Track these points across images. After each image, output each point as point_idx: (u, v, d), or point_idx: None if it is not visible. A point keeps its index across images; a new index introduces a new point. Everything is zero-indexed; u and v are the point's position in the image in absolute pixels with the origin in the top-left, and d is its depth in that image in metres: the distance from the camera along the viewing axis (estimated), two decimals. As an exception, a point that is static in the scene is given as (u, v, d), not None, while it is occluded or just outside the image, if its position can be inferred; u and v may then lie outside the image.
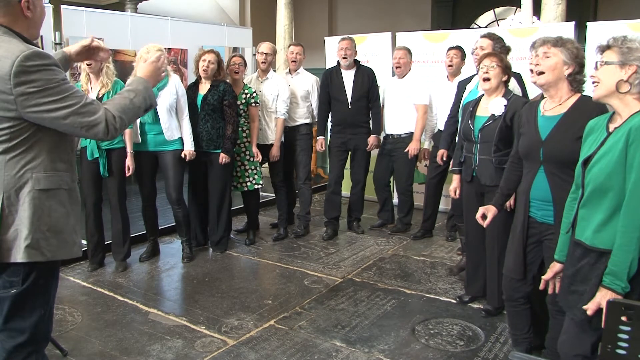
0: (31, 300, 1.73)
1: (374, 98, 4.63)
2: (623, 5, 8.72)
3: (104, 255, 4.07)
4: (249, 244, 4.58)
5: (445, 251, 4.41)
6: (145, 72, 1.92)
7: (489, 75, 2.97)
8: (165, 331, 3.06)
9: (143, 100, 1.83)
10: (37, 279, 1.72)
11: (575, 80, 2.24)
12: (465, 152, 3.18)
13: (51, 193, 1.72)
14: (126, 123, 1.77)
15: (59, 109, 1.63)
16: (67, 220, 1.77)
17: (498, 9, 10.96)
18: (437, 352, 2.82)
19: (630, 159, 1.69)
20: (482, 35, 3.69)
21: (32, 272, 1.70)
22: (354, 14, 11.42)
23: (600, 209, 1.78)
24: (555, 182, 2.21)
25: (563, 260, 2.01)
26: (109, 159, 3.79)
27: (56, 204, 1.73)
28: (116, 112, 1.73)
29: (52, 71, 1.63)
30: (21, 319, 1.73)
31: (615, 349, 1.55)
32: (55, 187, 1.72)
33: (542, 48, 2.25)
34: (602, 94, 1.82)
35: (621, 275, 1.69)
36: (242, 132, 4.39)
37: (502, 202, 2.60)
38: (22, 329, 1.73)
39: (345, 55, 4.56)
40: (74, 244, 1.80)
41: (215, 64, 4.11)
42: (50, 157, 1.71)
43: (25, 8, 1.68)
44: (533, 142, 2.28)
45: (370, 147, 4.66)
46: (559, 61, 2.21)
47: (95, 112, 1.69)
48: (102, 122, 1.69)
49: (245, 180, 4.47)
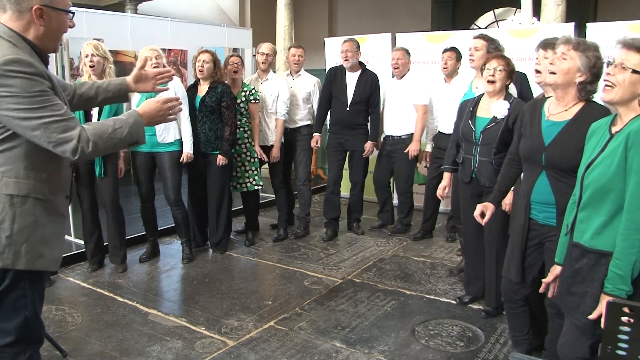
0: (11, 302, 1.71)
1: (374, 104, 4.61)
2: (623, 6, 8.72)
3: (103, 256, 4.07)
4: (248, 245, 4.58)
5: (445, 252, 4.41)
6: (145, 108, 1.84)
7: (495, 78, 2.96)
8: (165, 332, 3.05)
9: (129, 135, 1.74)
10: (16, 282, 1.69)
11: (585, 90, 2.13)
12: (463, 153, 3.17)
13: (18, 200, 1.66)
14: (100, 150, 1.70)
15: (29, 119, 1.58)
16: (34, 230, 1.70)
17: (498, 9, 10.95)
18: (437, 353, 2.81)
19: (630, 162, 1.68)
20: (475, 36, 3.70)
21: (6, 276, 1.68)
22: (354, 14, 11.42)
23: (600, 212, 1.77)
24: (558, 185, 2.18)
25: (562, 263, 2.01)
26: (105, 160, 3.77)
27: (22, 211, 1.67)
28: (92, 136, 1.66)
29: (31, 80, 1.58)
30: (5, 320, 1.72)
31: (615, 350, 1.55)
32: (23, 194, 1.67)
33: (562, 47, 2.13)
34: (616, 100, 1.75)
35: (625, 278, 1.68)
36: (243, 132, 4.39)
37: (499, 199, 2.58)
38: (7, 330, 1.72)
39: (346, 57, 4.55)
40: (40, 256, 1.72)
41: (211, 63, 4.09)
42: (25, 164, 1.66)
43: (37, 16, 1.65)
44: (535, 146, 2.25)
45: (366, 153, 4.64)
46: (574, 66, 2.10)
47: (69, 129, 1.62)
48: (72, 141, 1.62)
49: (245, 180, 4.47)
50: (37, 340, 1.85)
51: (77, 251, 4.20)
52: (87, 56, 3.61)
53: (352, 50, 4.54)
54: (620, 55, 1.74)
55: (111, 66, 3.73)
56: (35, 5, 1.64)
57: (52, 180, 1.75)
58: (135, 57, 3.96)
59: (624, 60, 1.72)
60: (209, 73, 4.10)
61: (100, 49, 3.64)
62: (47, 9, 1.66)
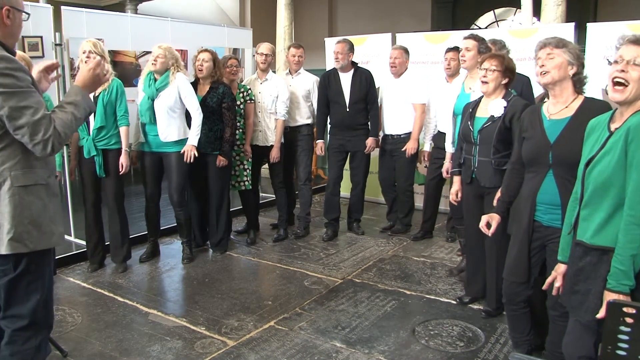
0: (25, 286, 1.86)
1: (372, 100, 4.61)
2: (623, 6, 8.72)
3: (103, 255, 4.07)
4: (249, 245, 4.58)
5: (445, 252, 4.41)
6: (82, 80, 1.96)
7: (487, 79, 2.97)
8: (165, 332, 3.05)
9: (83, 111, 1.91)
10: (29, 266, 1.85)
11: (579, 80, 2.23)
12: (464, 153, 3.17)
13: (29, 189, 1.84)
14: (69, 136, 1.89)
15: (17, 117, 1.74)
16: (45, 213, 1.89)
17: (498, 9, 10.95)
18: (437, 353, 2.81)
19: (630, 157, 1.68)
20: (465, 37, 3.67)
21: (22, 260, 1.83)
22: (354, 14, 11.42)
23: (602, 208, 1.77)
24: (565, 185, 2.17)
25: (566, 261, 2.01)
26: (106, 159, 3.77)
27: (35, 198, 1.86)
28: (62, 129, 1.82)
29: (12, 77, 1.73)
30: (19, 305, 1.86)
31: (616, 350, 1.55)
32: (32, 183, 1.85)
33: (544, 50, 2.23)
34: (631, 99, 1.72)
35: (628, 273, 1.67)
36: (241, 133, 4.39)
37: (504, 210, 2.57)
38: (21, 314, 1.87)
39: (336, 58, 4.54)
40: (53, 234, 1.92)
41: (210, 62, 4.08)
42: (26, 156, 1.83)
43: (5, 16, 1.79)
44: (541, 146, 2.25)
45: (368, 150, 4.65)
46: (564, 61, 2.20)
47: (48, 129, 1.77)
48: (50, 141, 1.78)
49: (244, 179, 4.47)
50: (48, 324, 1.98)
51: (77, 251, 4.20)
52: (84, 52, 3.61)
53: (342, 52, 4.52)
54: (629, 53, 1.71)
55: (108, 65, 3.71)
56: (5, 6, 1.79)
57: (46, 166, 1.93)
58: (136, 57, 3.96)
59: (635, 57, 1.69)
60: (209, 72, 4.10)
61: (99, 47, 3.63)
62: (13, 9, 1.82)
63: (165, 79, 3.87)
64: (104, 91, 3.67)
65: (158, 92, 3.86)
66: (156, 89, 3.85)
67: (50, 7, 4.36)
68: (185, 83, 3.93)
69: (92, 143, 3.70)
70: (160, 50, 3.85)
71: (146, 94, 3.87)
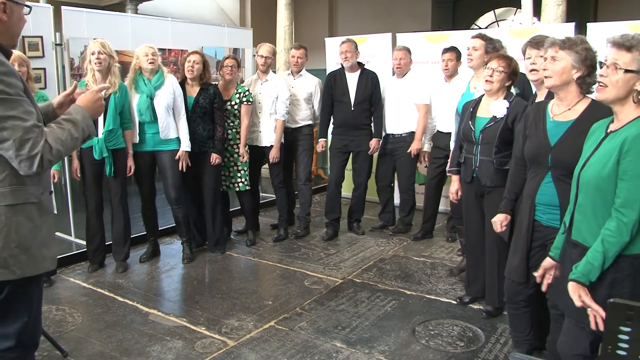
0: (12, 309, 1.71)
1: (376, 102, 4.64)
2: (623, 6, 8.71)
3: (104, 256, 4.07)
4: (249, 245, 4.58)
5: (446, 252, 4.41)
6: (85, 101, 1.80)
7: (492, 79, 2.96)
8: (166, 332, 3.05)
9: (82, 132, 1.72)
10: (15, 289, 1.69)
11: (585, 83, 2.15)
12: (465, 153, 3.17)
13: (18, 208, 1.64)
14: (62, 156, 1.67)
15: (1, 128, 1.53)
16: (35, 235, 1.69)
17: (498, 9, 10.95)
18: (438, 353, 2.81)
19: (623, 167, 1.67)
20: (473, 36, 3.70)
21: (7, 285, 1.67)
22: (354, 14, 11.41)
23: (596, 211, 1.77)
24: (563, 187, 2.16)
25: (557, 258, 2.01)
26: (114, 160, 3.79)
27: (24, 219, 1.66)
28: (54, 144, 1.61)
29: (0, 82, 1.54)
30: (5, 326, 1.72)
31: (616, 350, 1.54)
32: (21, 201, 1.65)
33: (550, 50, 2.17)
34: (611, 99, 1.74)
35: (597, 270, 1.70)
36: (235, 134, 4.37)
37: (511, 207, 2.58)
38: (7, 335, 1.72)
39: (346, 57, 4.57)
40: (44, 259, 1.73)
41: (200, 64, 4.11)
42: (15, 171, 1.61)
43: (1, 10, 1.62)
44: (541, 147, 2.24)
45: (372, 151, 4.67)
46: (567, 65, 2.12)
47: (37, 144, 1.56)
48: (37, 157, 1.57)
49: (238, 181, 4.45)
50: (34, 344, 1.85)
51: (77, 251, 4.20)
52: (94, 53, 3.61)
53: (351, 51, 4.57)
54: (612, 55, 1.73)
55: (117, 65, 3.74)
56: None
57: (42, 180, 1.74)
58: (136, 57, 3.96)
59: (615, 60, 1.71)
60: (199, 74, 4.12)
61: (107, 47, 3.65)
62: (9, 2, 1.64)
63: (160, 77, 3.93)
64: (115, 94, 3.68)
65: (156, 91, 3.89)
66: (154, 88, 3.88)
67: (51, 7, 4.37)
68: (177, 84, 4.04)
69: (104, 143, 3.70)
70: (152, 49, 3.90)
71: (145, 92, 3.88)
